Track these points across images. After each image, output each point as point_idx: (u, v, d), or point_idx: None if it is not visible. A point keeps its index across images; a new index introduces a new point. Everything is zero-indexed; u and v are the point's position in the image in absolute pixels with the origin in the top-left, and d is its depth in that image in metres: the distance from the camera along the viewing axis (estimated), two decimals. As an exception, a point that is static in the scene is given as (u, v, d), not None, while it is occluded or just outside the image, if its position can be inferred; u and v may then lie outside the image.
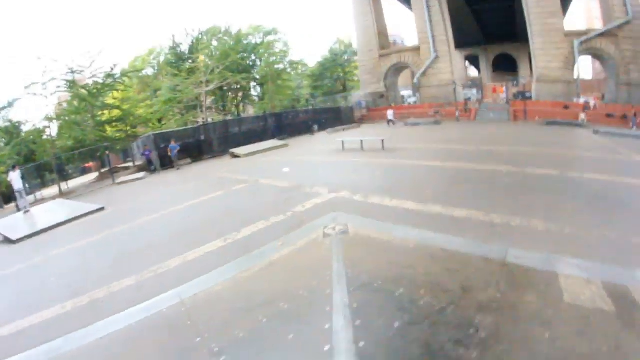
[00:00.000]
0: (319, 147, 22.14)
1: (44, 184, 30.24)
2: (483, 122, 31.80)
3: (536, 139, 19.32)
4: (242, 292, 5.00)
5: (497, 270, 4.58)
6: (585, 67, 53.08)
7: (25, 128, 29.71)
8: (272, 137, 28.03)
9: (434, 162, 13.68)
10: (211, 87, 33.97)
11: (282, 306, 4.47)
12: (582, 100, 32.53)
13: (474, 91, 42.01)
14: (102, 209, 14.14)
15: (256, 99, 45.80)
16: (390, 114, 33.23)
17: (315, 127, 32.74)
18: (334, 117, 36.56)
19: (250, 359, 3.49)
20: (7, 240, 12.23)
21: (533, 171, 10.91)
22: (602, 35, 32.66)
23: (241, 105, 44.72)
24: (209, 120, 33.02)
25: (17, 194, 17.26)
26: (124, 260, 7.80)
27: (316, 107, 40.58)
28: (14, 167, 17.27)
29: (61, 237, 11.31)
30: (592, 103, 31.88)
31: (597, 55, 35.21)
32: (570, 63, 33.88)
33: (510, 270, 4.53)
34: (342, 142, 20.10)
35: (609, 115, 28.75)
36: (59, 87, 28.41)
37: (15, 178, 16.52)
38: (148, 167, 23.34)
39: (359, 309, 4.12)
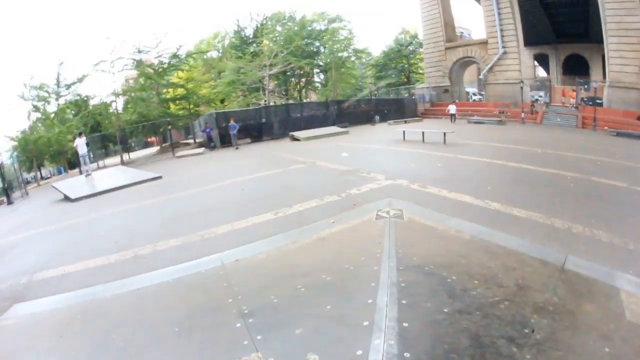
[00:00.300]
0: (379, 136, 21.74)
1: (107, 154, 32.20)
2: (549, 127, 30.19)
3: (605, 149, 17.85)
4: (286, 262, 4.86)
5: (555, 274, 4.23)
6: None
7: (93, 102, 30.95)
8: (333, 124, 27.76)
9: (496, 160, 13.09)
10: (274, 70, 33.98)
11: (324, 277, 4.24)
12: None
13: (542, 93, 39.46)
14: (159, 177, 14.58)
15: (319, 85, 45.53)
16: (452, 108, 32.15)
17: (377, 117, 32.12)
18: (396, 109, 35.73)
19: (280, 324, 3.27)
20: (67, 199, 12.89)
21: (599, 180, 10.19)
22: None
23: (303, 91, 44.67)
24: (271, 103, 33.19)
25: (81, 159, 18.43)
26: (174, 223, 7.91)
27: (379, 98, 39.62)
28: (80, 134, 18.45)
29: (117, 199, 11.80)
30: None
31: None
32: None
33: (569, 277, 4.17)
34: (403, 132, 19.56)
35: None
36: (126, 65, 29.82)
37: (80, 144, 17.60)
38: (208, 144, 23.90)
39: (407, 288, 3.81)
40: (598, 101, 31.85)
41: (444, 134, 17.79)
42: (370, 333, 2.99)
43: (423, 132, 18.65)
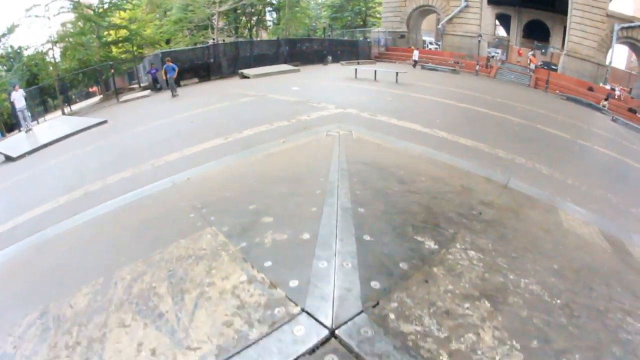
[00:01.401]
0: (331, 75, 21.57)
1: (47, 110, 29.64)
2: (502, 82, 30.92)
3: (553, 107, 18.69)
4: (237, 173, 4.90)
5: (499, 188, 4.44)
6: (621, 56, 49.72)
7: (27, 53, 28.25)
8: (284, 63, 27.09)
9: (447, 100, 13.54)
10: (224, 7, 32.36)
11: (277, 175, 4.34)
12: (608, 87, 30.60)
13: (499, 51, 40.12)
14: (104, 122, 13.90)
15: (270, 24, 44.00)
16: (416, 54, 32.07)
17: (329, 58, 31.55)
18: (350, 51, 35.22)
19: (232, 206, 3.33)
20: (8, 159, 12.01)
21: (544, 128, 10.89)
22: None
23: (254, 29, 43.07)
24: (220, 41, 31.87)
25: (19, 114, 16.88)
26: (123, 159, 7.75)
27: (332, 39, 38.77)
28: (14, 87, 16.96)
29: (62, 149, 11.19)
30: (617, 92, 29.93)
31: (635, 47, 32.92)
32: (605, 46, 31.54)
33: (512, 192, 4.40)
34: (355, 70, 19.52)
35: (631, 110, 26.82)
36: (62, 7, 27.02)
37: (17, 97, 16.32)
38: (154, 85, 22.79)
39: (357, 174, 3.91)
40: (553, 67, 33.21)
41: (397, 73, 17.93)
42: (324, 197, 3.10)
43: (375, 71, 18.70)
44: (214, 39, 30.97)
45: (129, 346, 1.75)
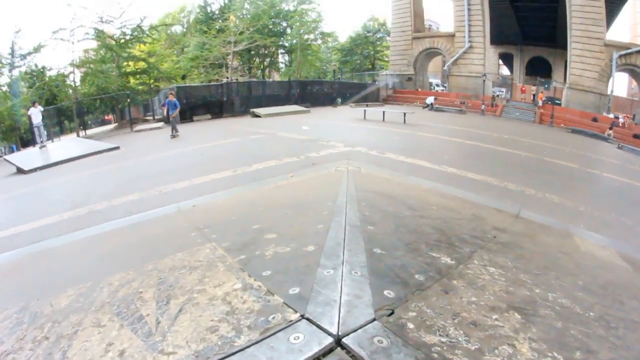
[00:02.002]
0: (341, 116, 21.92)
1: (62, 131, 30.40)
2: (508, 119, 31.46)
3: (559, 140, 19.08)
4: (244, 201, 4.80)
5: (511, 218, 4.30)
6: (621, 84, 50.71)
7: (49, 74, 29.22)
8: (295, 103, 27.64)
9: (454, 139, 13.69)
10: (239, 47, 33.49)
11: (283, 202, 4.28)
12: (611, 115, 31.12)
13: (504, 89, 41.05)
14: (117, 148, 14.14)
15: (282, 66, 45.31)
16: (430, 99, 32.39)
17: (339, 100, 32.17)
18: (359, 93, 35.88)
19: (235, 227, 3.22)
20: (20, 171, 12.29)
21: (552, 160, 10.99)
22: (643, 52, 30.85)
23: (267, 70, 44.23)
24: (234, 80, 32.64)
25: (35, 129, 17.61)
26: (131, 184, 7.76)
27: (342, 81, 39.71)
28: (34, 103, 17.82)
29: (73, 168, 11.41)
30: (621, 120, 30.52)
31: (635, 73, 33.55)
32: (606, 75, 32.19)
33: (524, 221, 4.25)
34: (364, 111, 19.79)
35: (636, 136, 26.94)
36: (87, 34, 28.23)
37: (35, 113, 17.01)
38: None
39: (366, 199, 3.76)
40: (557, 101, 33.87)
41: (404, 114, 18.21)
42: (331, 216, 2.93)
43: (384, 112, 18.98)
44: (227, 78, 31.80)
45: (98, 345, 1.60)
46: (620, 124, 29.37)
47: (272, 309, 1.62)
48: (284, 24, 40.34)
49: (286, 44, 41.46)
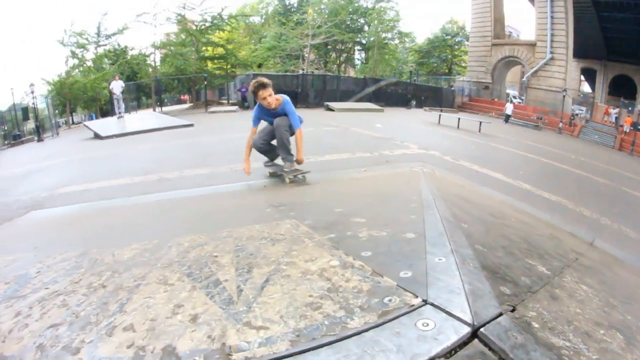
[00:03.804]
0: (415, 118, 21.40)
1: (140, 106, 32.19)
2: (585, 141, 29.53)
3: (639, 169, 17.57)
4: (318, 187, 4.64)
5: (586, 245, 3.98)
6: None
7: (131, 53, 31.16)
8: (369, 101, 27.34)
9: (529, 154, 13.03)
10: (316, 41, 33.58)
11: (362, 192, 4.23)
12: None
13: (583, 108, 38.22)
14: (191, 125, 14.58)
15: (358, 63, 45.06)
16: (509, 108, 30.97)
17: (413, 102, 31.43)
18: (433, 97, 35.03)
19: (313, 207, 3.16)
20: (97, 137, 13.00)
21: (630, 191, 10.17)
22: None
23: (343, 65, 44.19)
24: (309, 72, 32.88)
25: (115, 100, 18.92)
26: (202, 159, 7.85)
27: (417, 83, 38.71)
28: (115, 76, 19.25)
29: (147, 139, 11.86)
30: None
31: None
32: None
33: (599, 250, 3.94)
34: (439, 116, 19.19)
35: None
36: (169, 18, 29.72)
37: (116, 86, 18.29)
38: (242, 103, 23.90)
39: (450, 201, 3.54)
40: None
41: (480, 122, 17.58)
42: (421, 209, 2.71)
43: (459, 119, 18.26)
44: (303, 70, 31.98)
45: (163, 305, 1.43)
46: None
47: (384, 290, 1.41)
48: (362, 21, 39.94)
49: (363, 41, 41.06)
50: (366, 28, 40.03)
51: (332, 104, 23.00)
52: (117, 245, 2.24)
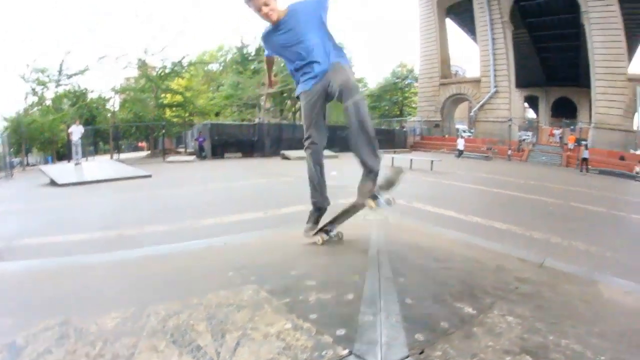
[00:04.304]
0: (369, 162, 22.04)
1: (97, 151, 31.87)
2: (534, 164, 31.53)
3: (586, 183, 19.14)
4: (277, 243, 4.88)
5: (535, 267, 4.32)
6: None
7: (91, 96, 31.25)
8: (324, 148, 27.93)
9: (480, 187, 13.99)
10: (272, 90, 34.29)
11: (316, 249, 4.22)
12: (638, 152, 30.70)
13: (530, 133, 41.11)
14: (149, 176, 14.65)
15: (314, 111, 46.12)
16: (460, 143, 32.51)
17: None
18: (387, 140, 36.17)
19: (274, 271, 3.31)
20: (53, 183, 12.86)
21: (578, 205, 11.08)
22: (670, 84, 30.83)
23: (298, 113, 45.37)
24: (265, 121, 33.59)
25: (73, 147, 18.86)
26: (161, 214, 8.02)
27: (371, 128, 40.26)
28: (76, 121, 19.41)
29: (105, 189, 11.84)
30: None
31: None
32: (631, 111, 32.18)
33: (548, 270, 4.25)
34: (392, 158, 20.00)
35: None
36: (130, 63, 29.93)
37: (75, 131, 18.39)
38: (199, 153, 24.17)
39: (395, 252, 3.96)
40: (583, 142, 33.46)
41: (432, 161, 18.65)
42: (365, 268, 3.12)
43: (411, 159, 19.22)
44: (260, 118, 32.66)
45: None
46: (649, 161, 28.73)
47: (323, 346, 1.86)
48: (318, 70, 41.52)
49: (318, 89, 42.49)
50: (321, 75, 41.45)
51: (288, 153, 23.71)
52: (95, 313, 2.44)
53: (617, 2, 31.86)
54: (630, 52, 36.15)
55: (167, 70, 31.16)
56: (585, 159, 27.23)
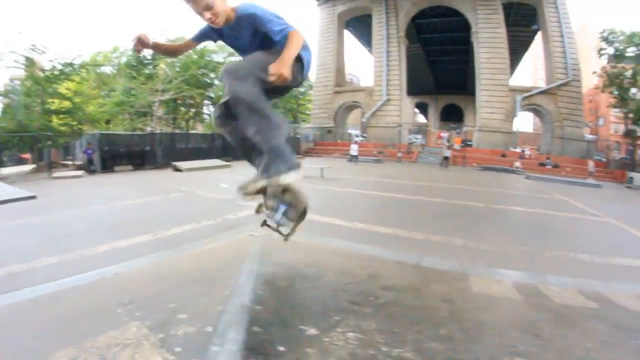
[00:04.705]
0: (260, 171, 22.41)
1: None
2: (423, 165, 34.26)
3: (470, 180, 21.29)
4: (162, 272, 5.31)
5: (409, 269, 5.03)
6: (527, 121, 59.03)
7: None
8: (217, 157, 28.57)
9: (368, 191, 14.80)
10: (166, 96, 33.91)
11: (195, 275, 4.89)
12: (518, 150, 36.46)
13: (419, 136, 44.79)
14: (33, 197, 13.74)
15: (207, 118, 46.11)
16: (354, 148, 33.65)
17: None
18: (280, 147, 36.76)
19: (154, 308, 3.80)
20: None
21: (460, 202, 12.15)
22: (543, 93, 37.48)
23: (191, 121, 44.64)
24: (158, 130, 32.81)
25: None
26: (50, 243, 7.71)
27: (264, 134, 40.61)
28: None
29: None
30: (527, 152, 36.08)
31: (537, 111, 39.80)
32: (511, 116, 38.19)
33: (422, 271, 4.98)
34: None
35: (541, 164, 32.28)
36: (16, 61, 27.02)
37: None
38: (88, 166, 22.82)
39: (265, 275, 4.65)
40: (469, 142, 38.43)
41: (321, 169, 19.47)
42: (230, 297, 3.78)
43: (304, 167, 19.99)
44: (152, 127, 31.64)
45: None
46: (527, 156, 34.62)
47: None
48: (212, 75, 41.33)
49: (212, 95, 42.41)
50: (216, 82, 41.18)
51: (180, 164, 23.62)
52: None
53: (504, 25, 36.88)
54: (513, 66, 42.11)
55: (56, 72, 28.56)
56: (446, 157, 31.56)
